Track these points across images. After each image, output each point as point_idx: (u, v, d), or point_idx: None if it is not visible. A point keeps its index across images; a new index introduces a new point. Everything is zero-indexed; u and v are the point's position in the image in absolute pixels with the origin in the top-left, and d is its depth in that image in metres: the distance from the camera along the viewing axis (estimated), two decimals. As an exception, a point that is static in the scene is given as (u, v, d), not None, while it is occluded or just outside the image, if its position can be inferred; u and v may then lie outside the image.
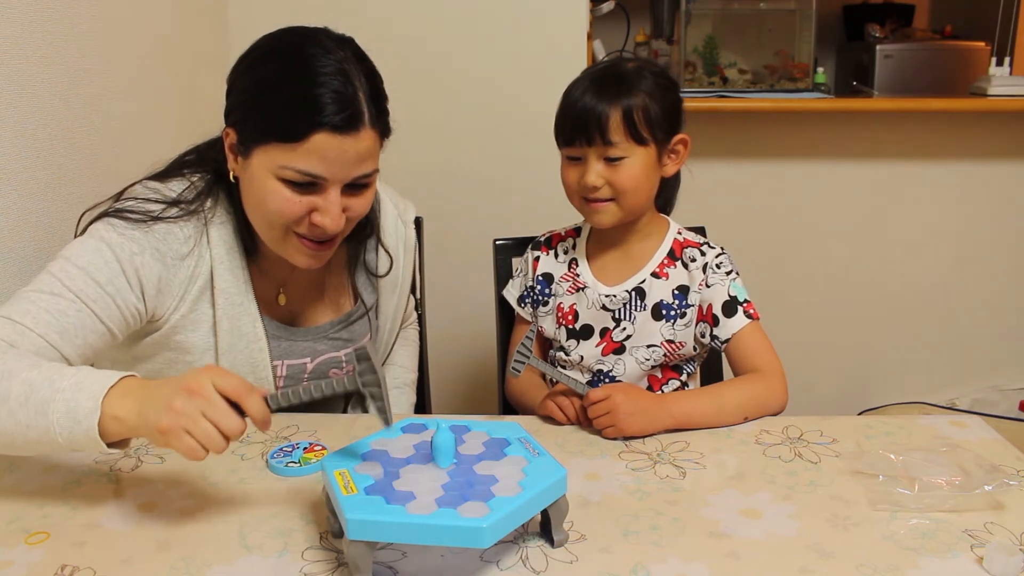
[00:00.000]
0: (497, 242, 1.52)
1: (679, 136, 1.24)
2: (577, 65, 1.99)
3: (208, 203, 1.11)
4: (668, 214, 1.35)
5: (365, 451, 0.88)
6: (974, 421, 1.14)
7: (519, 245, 1.47)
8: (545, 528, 0.87)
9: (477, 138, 2.09)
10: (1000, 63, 2.22)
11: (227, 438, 0.83)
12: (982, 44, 2.44)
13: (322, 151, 0.98)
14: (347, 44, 1.05)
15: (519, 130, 2.06)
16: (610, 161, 1.19)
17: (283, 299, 1.21)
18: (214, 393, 0.83)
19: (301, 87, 0.98)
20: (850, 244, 2.36)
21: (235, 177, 1.08)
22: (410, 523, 0.75)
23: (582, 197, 1.23)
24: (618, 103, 1.17)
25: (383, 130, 1.05)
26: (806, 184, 2.32)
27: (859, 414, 2.14)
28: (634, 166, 1.19)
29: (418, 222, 1.63)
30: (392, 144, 2.14)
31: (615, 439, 1.10)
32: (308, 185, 1.01)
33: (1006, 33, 2.34)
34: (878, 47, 2.42)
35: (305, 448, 1.05)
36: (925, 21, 2.89)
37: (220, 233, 1.11)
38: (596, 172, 1.19)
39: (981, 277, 2.37)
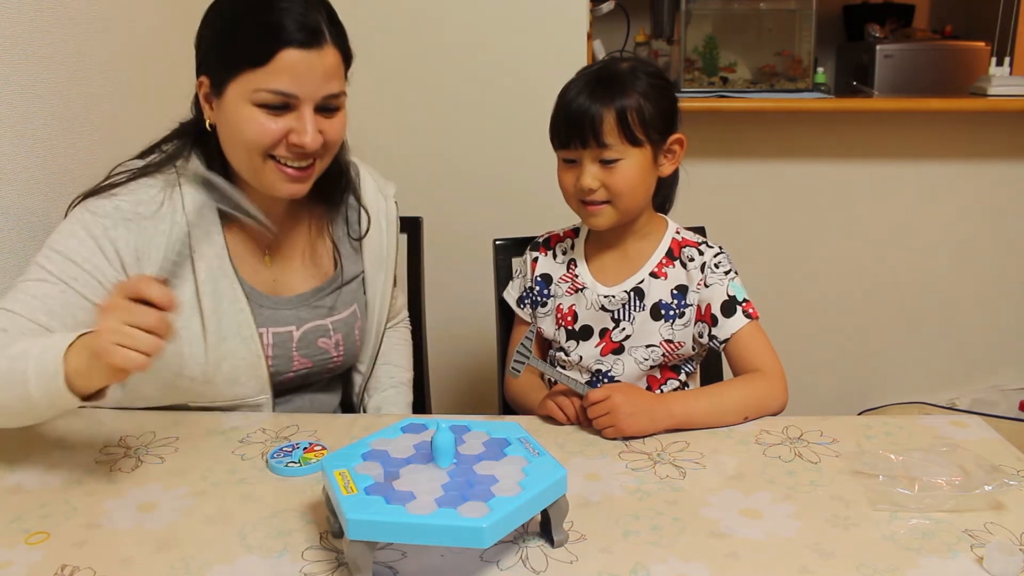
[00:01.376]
0: (497, 242, 1.52)
1: (675, 136, 1.23)
2: (577, 65, 1.96)
3: (179, 163, 1.15)
4: (666, 213, 1.35)
5: (365, 451, 0.88)
6: (974, 421, 1.14)
7: (519, 245, 1.47)
8: (545, 528, 0.87)
9: (477, 138, 2.09)
10: (1000, 63, 2.22)
11: (156, 335, 0.87)
12: (982, 44, 2.44)
13: (291, 67, 1.04)
14: None
15: (519, 130, 2.06)
16: (605, 163, 1.19)
17: (268, 260, 1.22)
18: (124, 301, 0.87)
19: (263, 14, 1.05)
20: (850, 244, 2.36)
21: (211, 126, 1.12)
22: (410, 523, 0.75)
23: (579, 200, 1.23)
24: (611, 105, 1.17)
25: (345, 52, 1.11)
26: (806, 184, 2.32)
27: (859, 414, 2.14)
28: (629, 168, 1.19)
29: (418, 222, 1.63)
30: (392, 143, 2.15)
31: (615, 439, 1.10)
32: (282, 107, 1.07)
33: (1006, 33, 2.34)
34: (878, 47, 2.42)
35: (305, 448, 1.05)
36: (925, 21, 2.89)
37: (192, 197, 1.13)
38: (591, 174, 1.19)
39: (981, 277, 2.37)
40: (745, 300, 1.25)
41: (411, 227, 1.63)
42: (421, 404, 1.59)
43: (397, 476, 0.84)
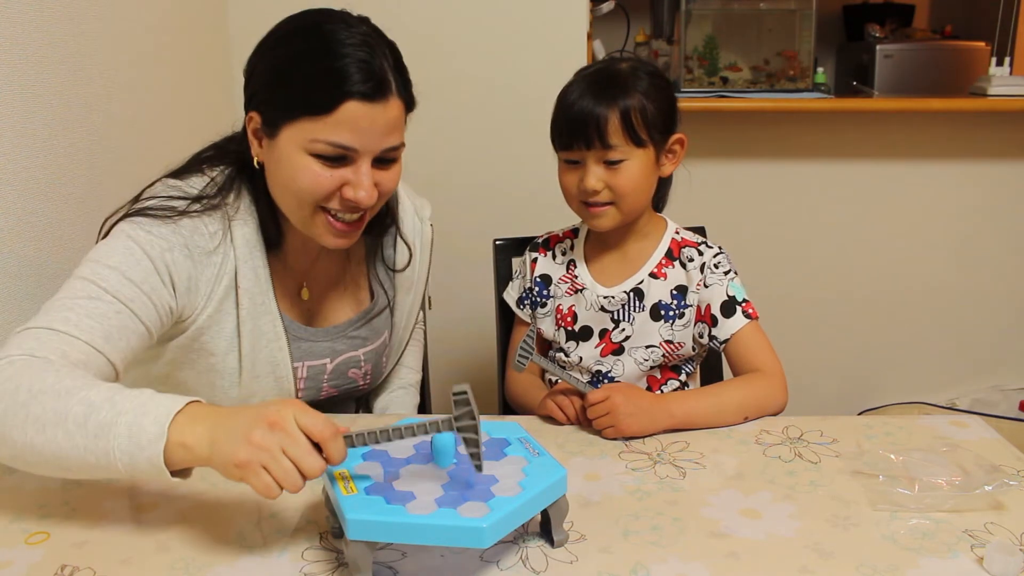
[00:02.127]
0: (497, 242, 1.52)
1: (676, 136, 1.23)
2: (577, 65, 1.97)
3: (230, 198, 1.09)
4: (660, 212, 1.35)
5: (365, 451, 0.88)
6: (974, 421, 1.14)
7: (519, 245, 1.47)
8: (545, 528, 0.87)
9: (477, 138, 2.09)
10: (1000, 63, 2.22)
11: (305, 477, 0.78)
12: (982, 44, 2.44)
13: (353, 121, 0.98)
14: (366, 21, 1.06)
15: (519, 130, 2.06)
16: (609, 164, 1.19)
17: (306, 293, 1.19)
18: (296, 429, 0.77)
19: (328, 60, 0.97)
20: (850, 244, 2.36)
21: (259, 163, 1.07)
22: (410, 523, 0.75)
23: (581, 201, 1.22)
24: (615, 105, 1.16)
25: (408, 101, 1.06)
26: (806, 184, 2.32)
27: (859, 414, 2.15)
28: (633, 168, 1.19)
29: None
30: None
31: (615, 439, 1.10)
32: (339, 159, 1.00)
33: (1006, 33, 2.34)
34: (878, 47, 2.42)
35: None
36: (925, 21, 2.89)
37: (242, 230, 1.08)
38: (596, 176, 1.19)
39: (981, 277, 2.37)
40: (745, 300, 1.25)
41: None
42: (422, 404, 1.59)
43: (397, 476, 0.84)
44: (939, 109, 2.22)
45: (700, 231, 1.41)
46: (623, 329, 1.28)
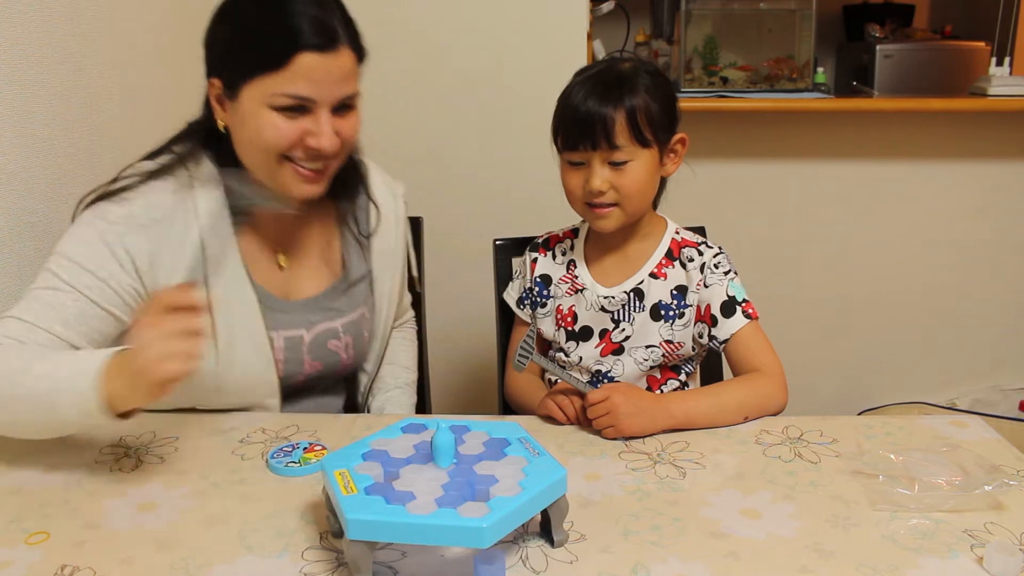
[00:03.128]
0: (497, 242, 1.52)
1: (678, 135, 1.23)
2: (577, 65, 1.97)
3: (191, 166, 1.14)
4: (655, 210, 1.34)
5: (365, 451, 0.88)
6: (974, 421, 1.14)
7: (519, 245, 1.47)
8: (545, 528, 0.87)
9: (477, 138, 2.09)
10: (1000, 63, 2.22)
11: (192, 335, 0.88)
12: (982, 44, 2.44)
13: (307, 72, 1.04)
14: None
15: (519, 130, 2.06)
16: (615, 165, 1.18)
17: (284, 260, 1.22)
18: (155, 316, 0.88)
19: (279, 17, 1.04)
20: (850, 244, 2.36)
21: (224, 127, 1.12)
22: (410, 523, 0.75)
23: (585, 203, 1.22)
24: (622, 106, 1.16)
25: (359, 51, 1.11)
26: (806, 184, 2.32)
27: (859, 414, 2.15)
28: (639, 169, 1.19)
29: (418, 222, 1.63)
30: (393, 143, 2.15)
31: (615, 439, 1.10)
32: (298, 109, 1.06)
33: (1006, 33, 2.34)
34: (878, 47, 2.42)
35: (305, 448, 1.05)
36: (925, 21, 2.89)
37: (205, 199, 1.13)
38: (601, 177, 1.18)
39: (981, 277, 2.37)
40: (745, 300, 1.25)
41: (411, 227, 1.63)
42: (421, 404, 1.59)
43: (397, 476, 0.84)
44: (939, 109, 2.22)
45: (700, 231, 1.41)
46: (623, 329, 1.28)
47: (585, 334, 1.30)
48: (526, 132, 2.05)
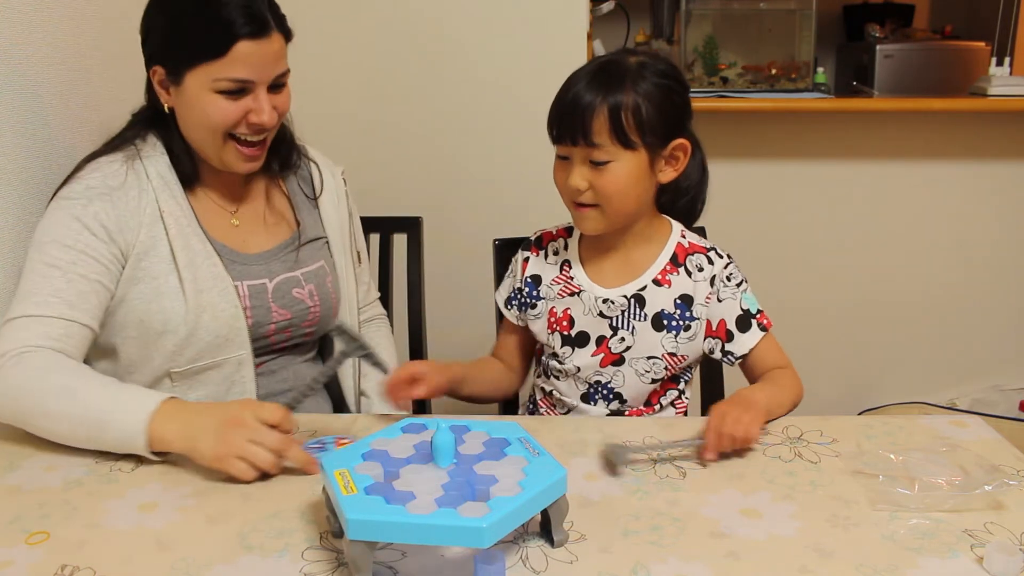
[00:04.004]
0: (497, 242, 1.52)
1: (677, 141, 1.16)
2: (577, 65, 1.98)
3: (137, 142, 1.22)
4: (696, 217, 1.30)
5: (365, 451, 0.88)
6: (974, 421, 1.14)
7: (519, 245, 1.47)
8: (545, 528, 0.87)
9: (477, 138, 2.09)
10: (1000, 63, 2.22)
11: (274, 454, 0.98)
12: (982, 44, 2.44)
13: (245, 57, 1.14)
14: None
15: (519, 130, 2.06)
16: (595, 164, 1.13)
17: (236, 220, 1.29)
18: (255, 421, 0.99)
19: (213, 10, 1.13)
20: (850, 244, 2.36)
21: (170, 109, 1.20)
22: (410, 523, 0.75)
23: (570, 199, 1.18)
24: (604, 102, 1.10)
25: (286, 33, 1.21)
26: (806, 184, 2.32)
27: (859, 414, 2.15)
28: (619, 171, 1.12)
29: (418, 222, 1.63)
30: (393, 144, 2.14)
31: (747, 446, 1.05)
32: (239, 91, 1.16)
33: (1006, 33, 2.34)
34: (878, 47, 2.42)
35: (333, 442, 1.07)
36: (925, 21, 2.89)
37: (155, 166, 1.21)
38: (580, 175, 1.14)
39: (981, 277, 2.37)
40: (759, 311, 1.22)
41: (411, 227, 1.63)
42: (421, 404, 1.59)
43: (397, 476, 0.84)
44: (939, 109, 2.22)
45: (700, 231, 1.38)
46: (623, 338, 1.22)
47: (581, 340, 1.24)
48: (526, 132, 2.04)
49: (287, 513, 0.93)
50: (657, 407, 1.28)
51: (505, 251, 1.50)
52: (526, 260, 1.31)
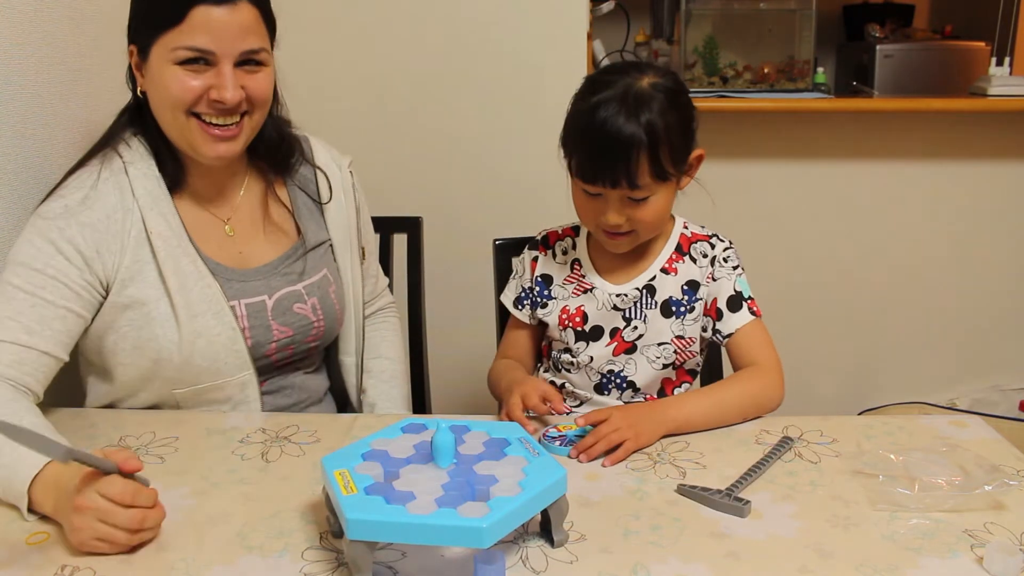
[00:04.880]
0: (497, 242, 1.52)
1: (695, 153, 1.21)
2: (577, 65, 1.99)
3: (121, 146, 1.16)
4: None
5: (365, 451, 0.88)
6: (974, 421, 1.14)
7: (519, 245, 1.46)
8: (545, 528, 0.87)
9: (477, 138, 2.09)
10: (1000, 63, 2.22)
11: (125, 529, 0.85)
12: (982, 44, 2.44)
13: (204, 24, 1.07)
14: None
15: (519, 130, 2.06)
16: (634, 200, 1.15)
17: (230, 229, 1.23)
18: (100, 499, 0.84)
19: None
20: (850, 244, 2.36)
21: (142, 93, 1.15)
22: (410, 523, 0.75)
23: (601, 229, 1.19)
24: (644, 149, 1.10)
25: (262, 6, 1.13)
26: (806, 184, 2.32)
27: (859, 414, 2.15)
28: (657, 203, 1.16)
29: (418, 222, 1.63)
30: (393, 143, 2.15)
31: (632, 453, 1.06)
32: (199, 61, 1.09)
33: (1006, 33, 2.34)
34: (878, 47, 2.42)
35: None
36: (925, 21, 2.89)
37: (141, 180, 1.15)
38: (618, 213, 1.15)
39: (981, 277, 2.37)
40: (750, 297, 1.24)
41: (411, 227, 1.63)
42: (421, 404, 1.59)
43: (397, 476, 0.84)
44: (939, 109, 2.22)
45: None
46: (635, 327, 1.26)
47: (595, 334, 1.28)
48: (526, 132, 2.05)
49: (287, 513, 0.93)
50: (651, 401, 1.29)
51: (505, 251, 1.50)
52: (534, 260, 1.34)
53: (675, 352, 1.26)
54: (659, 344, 1.26)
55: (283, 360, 1.26)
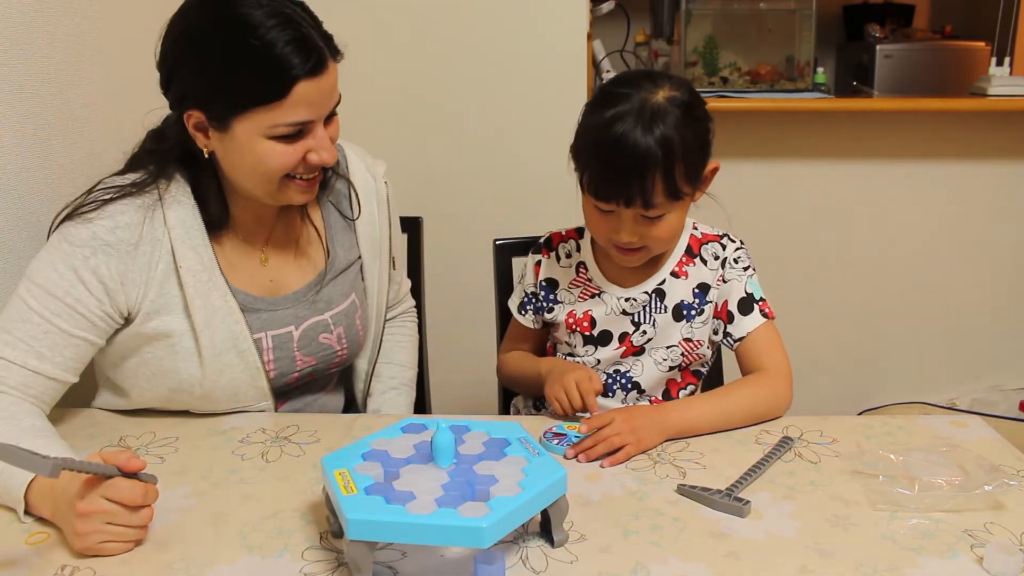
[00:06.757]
0: (497, 242, 1.51)
1: (710, 166, 1.17)
2: (577, 65, 1.99)
3: (163, 184, 1.11)
4: None
5: (365, 451, 0.88)
6: (974, 421, 1.14)
7: (519, 245, 1.47)
8: (545, 528, 0.87)
9: (477, 138, 2.09)
10: (1000, 63, 2.22)
11: (136, 527, 0.86)
12: (982, 44, 2.45)
13: (305, 98, 1.03)
14: None
15: (519, 130, 2.06)
16: (648, 218, 1.12)
17: (265, 259, 1.21)
18: (105, 502, 0.85)
19: (262, 49, 1.00)
20: (849, 244, 2.36)
21: (209, 153, 1.10)
22: (410, 523, 0.75)
23: (613, 244, 1.17)
24: (659, 172, 1.07)
25: (337, 56, 1.09)
26: (806, 184, 2.32)
27: (859, 414, 2.14)
28: (672, 220, 1.14)
29: (418, 222, 1.63)
30: (392, 143, 2.15)
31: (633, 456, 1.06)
32: (298, 134, 1.06)
33: (1006, 33, 2.34)
34: (878, 47, 2.42)
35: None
36: (925, 21, 2.89)
37: (176, 212, 1.11)
38: (632, 231, 1.13)
39: (981, 277, 2.37)
40: (762, 299, 1.23)
41: (411, 227, 1.63)
42: (421, 404, 1.59)
43: (397, 476, 0.84)
44: (939, 109, 2.22)
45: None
46: (644, 331, 1.24)
47: (604, 339, 1.25)
48: (526, 132, 2.05)
49: (287, 513, 0.93)
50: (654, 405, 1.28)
51: (505, 252, 1.50)
52: (538, 264, 1.31)
53: (682, 354, 1.24)
54: (667, 347, 1.24)
55: (303, 382, 1.26)
